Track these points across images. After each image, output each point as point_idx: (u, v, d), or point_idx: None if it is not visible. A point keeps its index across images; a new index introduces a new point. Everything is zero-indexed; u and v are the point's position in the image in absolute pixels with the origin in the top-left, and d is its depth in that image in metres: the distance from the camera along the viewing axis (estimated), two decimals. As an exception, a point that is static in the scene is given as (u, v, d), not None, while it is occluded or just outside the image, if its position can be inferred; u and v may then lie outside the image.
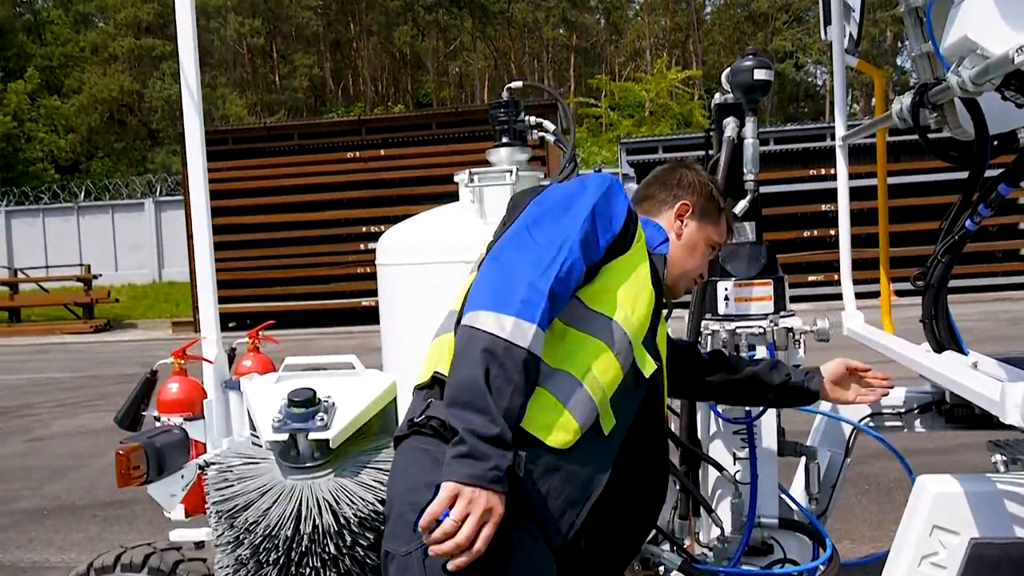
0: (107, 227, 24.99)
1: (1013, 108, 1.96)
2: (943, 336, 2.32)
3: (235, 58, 45.80)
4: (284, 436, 1.84)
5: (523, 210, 1.66)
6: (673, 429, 2.73)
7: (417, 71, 51.46)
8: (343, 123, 18.86)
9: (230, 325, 17.78)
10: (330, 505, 1.80)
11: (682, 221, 2.01)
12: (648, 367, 1.71)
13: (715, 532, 2.58)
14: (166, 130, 35.96)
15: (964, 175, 2.24)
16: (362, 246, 16.18)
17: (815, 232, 15.63)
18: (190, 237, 17.59)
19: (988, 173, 2.20)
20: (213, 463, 2.05)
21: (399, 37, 47.94)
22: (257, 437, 2.04)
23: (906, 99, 2.28)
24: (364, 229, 16.37)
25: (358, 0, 46.94)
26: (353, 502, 1.82)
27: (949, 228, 2.23)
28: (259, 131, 18.30)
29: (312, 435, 1.83)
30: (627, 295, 1.67)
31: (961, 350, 2.32)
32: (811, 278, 15.31)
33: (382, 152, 16.64)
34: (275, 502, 1.81)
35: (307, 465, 1.85)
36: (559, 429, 1.55)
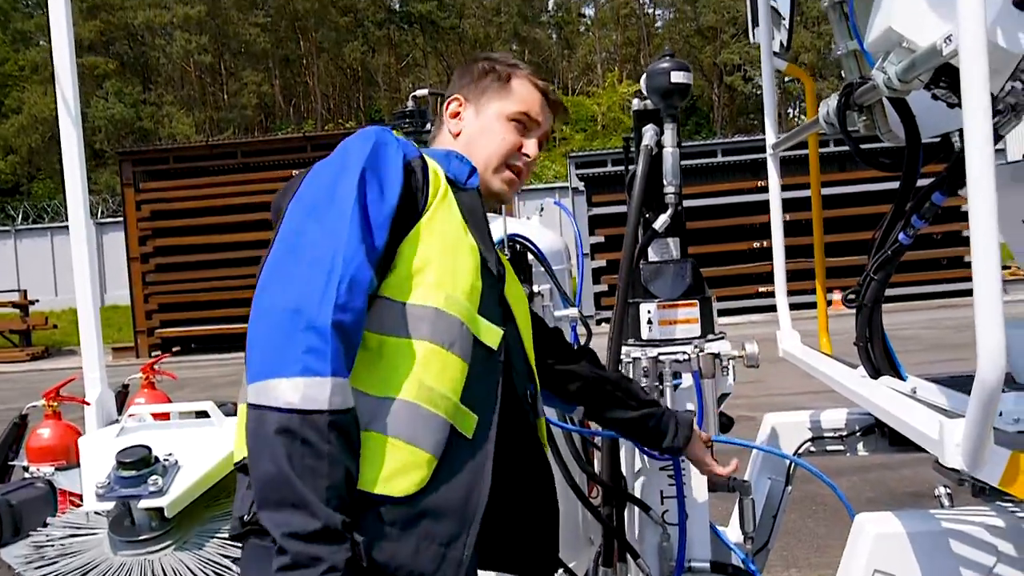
0: (46, 250, 24.26)
1: (946, 109, 1.78)
2: (879, 359, 2.13)
3: (182, 76, 45.10)
4: (109, 504, 1.56)
5: (284, 215, 1.37)
6: (595, 467, 2.50)
7: (369, 87, 51.12)
8: (288, 140, 18.54)
9: (174, 350, 17.30)
10: (169, 583, 1.53)
11: (458, 117, 1.66)
12: (493, 336, 1.45)
13: (643, 578, 2.35)
14: (110, 150, 35.17)
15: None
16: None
17: (766, 243, 15.64)
18: (130, 259, 17.19)
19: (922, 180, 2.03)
20: (34, 536, 1.76)
21: (349, 53, 47.62)
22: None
23: (832, 101, 2.10)
24: (310, 248, 16.03)
25: (307, 16, 46.54)
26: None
27: (882, 241, 2.04)
28: (201, 149, 17.91)
29: (144, 503, 1.55)
30: (442, 268, 1.39)
31: (899, 374, 2.13)
32: (762, 289, 15.31)
33: (328, 169, 16.30)
34: (98, 583, 1.53)
35: (142, 538, 1.58)
36: (407, 471, 1.29)
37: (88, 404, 2.57)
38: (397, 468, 1.29)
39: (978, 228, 1.31)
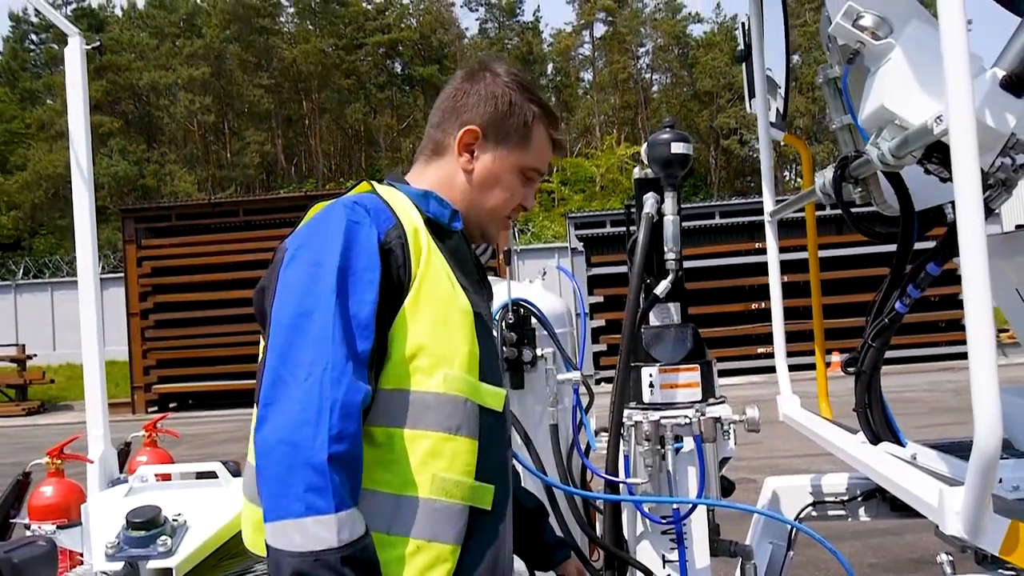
0: (46, 305, 24.28)
1: (938, 182, 1.84)
2: (878, 425, 2.15)
3: (185, 135, 45.71)
4: (118, 566, 1.57)
5: (270, 326, 1.32)
6: (597, 530, 2.50)
7: (370, 147, 51.77)
8: (290, 199, 18.73)
9: (171, 406, 17.21)
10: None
11: (471, 153, 1.54)
12: (497, 400, 1.44)
13: (645, 645, 2.33)
14: (112, 207, 35.52)
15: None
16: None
17: (763, 304, 15.70)
18: (130, 315, 17.20)
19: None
20: (40, 597, 1.76)
21: (351, 114, 48.35)
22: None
23: (828, 173, 2.16)
24: (310, 306, 16.06)
25: (311, 78, 47.38)
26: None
27: (879, 309, 2.08)
28: (204, 207, 18.09)
29: (152, 563, 1.57)
30: (436, 346, 1.35)
31: (898, 440, 2.15)
32: (760, 350, 15.33)
33: (330, 228, 16.44)
34: (95, 652, 1.53)
35: (148, 599, 1.59)
36: (432, 568, 1.31)
37: (91, 462, 2.58)
38: (424, 567, 1.30)
39: (972, 301, 1.36)
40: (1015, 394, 2.27)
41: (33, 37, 46.24)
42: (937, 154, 1.72)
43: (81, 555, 2.50)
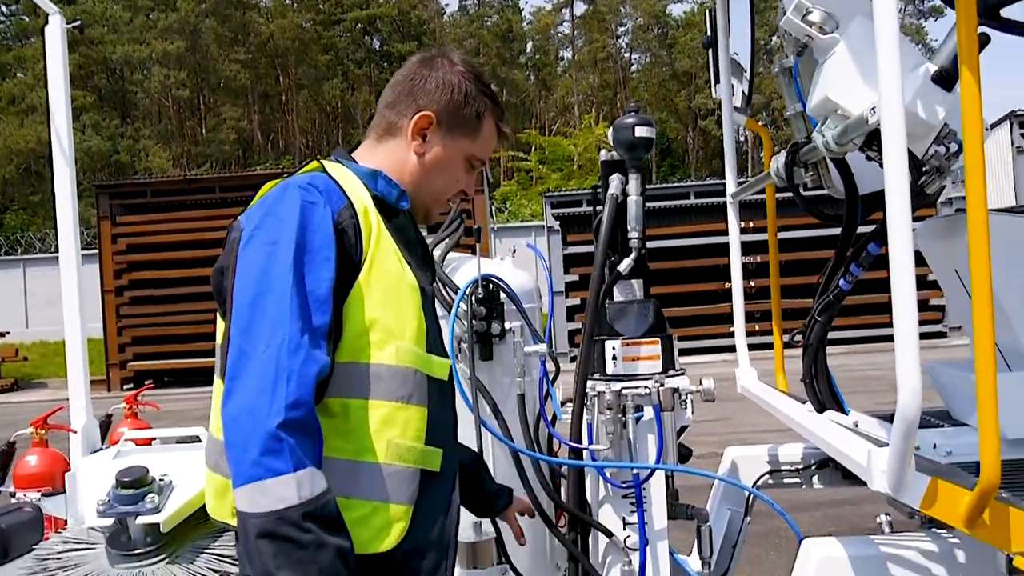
0: (18, 282, 24.02)
1: (880, 167, 1.97)
2: (824, 395, 2.30)
3: (159, 110, 45.18)
4: (108, 521, 1.68)
5: (232, 305, 1.38)
6: (561, 494, 2.63)
7: (347, 124, 51.45)
8: (267, 175, 18.59)
9: (146, 383, 17.14)
10: (160, 596, 1.65)
11: (423, 137, 1.60)
12: (443, 369, 1.54)
13: (607, 602, 2.47)
14: (86, 183, 35.18)
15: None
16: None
17: (737, 283, 15.93)
18: (104, 292, 17.12)
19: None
20: (38, 550, 1.87)
21: (329, 91, 48.01)
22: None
23: (781, 158, 2.29)
24: (287, 283, 16.05)
25: (288, 54, 46.94)
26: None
27: (825, 287, 2.22)
28: (180, 184, 17.93)
29: (141, 519, 1.68)
30: (387, 320, 1.43)
31: (842, 408, 2.30)
32: (731, 328, 15.55)
33: (307, 205, 16.43)
34: (92, 595, 1.64)
35: (137, 552, 1.70)
36: (388, 527, 1.42)
37: (75, 432, 2.66)
38: (379, 527, 1.41)
39: (898, 276, 1.49)
40: (953, 367, 2.43)
41: (3, 8, 45.40)
42: (877, 142, 1.84)
43: (66, 521, 2.59)
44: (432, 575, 1.48)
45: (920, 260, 1.66)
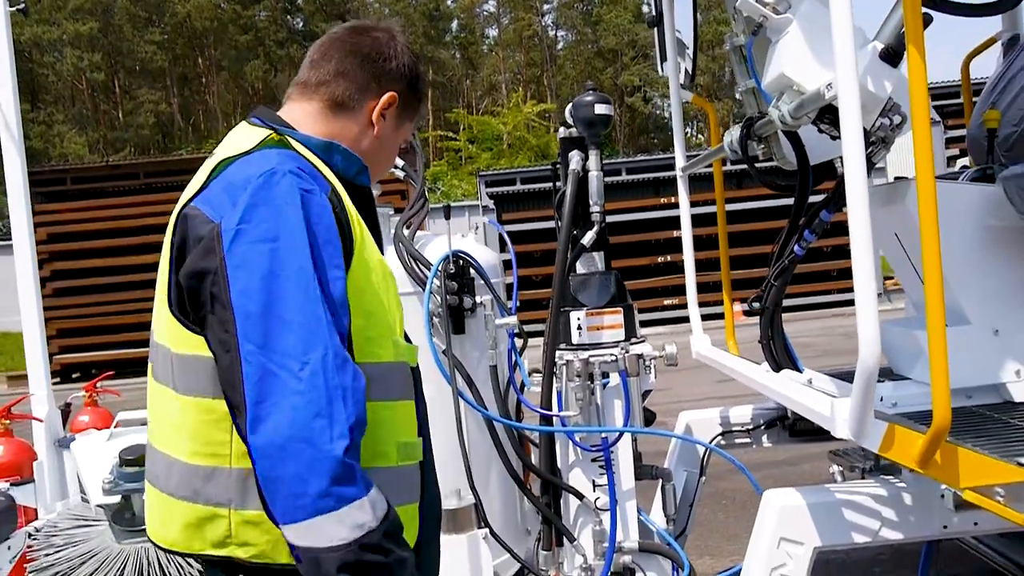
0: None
1: (830, 140, 2.11)
2: (780, 355, 2.44)
3: (73, 93, 43.51)
4: (116, 498, 1.71)
5: (231, 305, 1.21)
6: (533, 460, 2.74)
7: (271, 105, 50.33)
8: (193, 160, 18.13)
9: (74, 376, 16.68)
10: (162, 569, 1.68)
11: (384, 116, 1.51)
12: (415, 355, 1.48)
13: (579, 560, 2.59)
14: (-3, 170, 33.68)
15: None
16: (215, 287, 15.52)
17: (668, 257, 16.23)
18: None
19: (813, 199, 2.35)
20: (44, 527, 1.89)
21: (251, 72, 46.88)
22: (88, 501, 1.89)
23: (735, 132, 2.41)
24: (218, 270, 15.75)
25: (206, 35, 45.64)
26: (190, 564, 1.71)
27: (780, 253, 2.36)
28: (102, 170, 17.36)
29: (147, 495, 1.72)
30: (381, 313, 1.35)
31: (797, 368, 2.45)
32: (667, 302, 15.88)
33: (236, 190, 16.13)
34: (97, 568, 1.67)
35: (142, 527, 1.73)
36: (408, 528, 1.35)
37: (41, 421, 2.65)
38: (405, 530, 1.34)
39: (856, 239, 1.62)
40: (895, 325, 2.60)
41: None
42: (828, 115, 1.98)
43: (36, 510, 2.59)
44: (434, 568, 1.50)
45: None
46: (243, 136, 1.42)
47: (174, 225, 1.32)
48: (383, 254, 1.47)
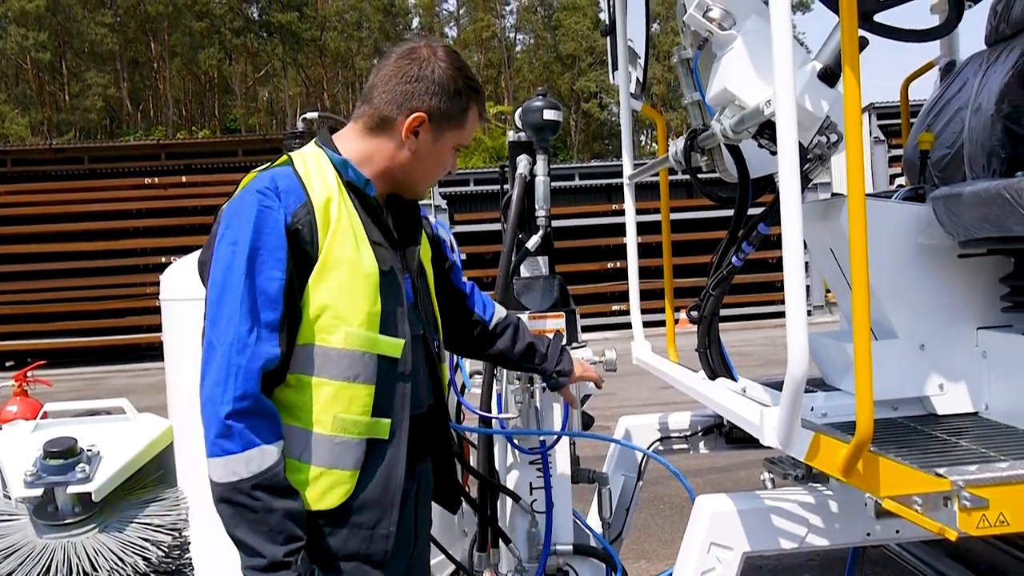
0: None
1: (769, 154, 2.15)
2: (716, 364, 2.49)
3: (17, 73, 42.26)
4: (38, 491, 1.67)
5: (207, 286, 1.58)
6: (471, 462, 2.75)
7: (225, 95, 49.61)
8: (141, 147, 17.79)
9: (7, 364, 16.20)
10: (91, 562, 1.65)
11: (416, 135, 1.68)
12: (395, 348, 1.65)
13: (513, 562, 2.61)
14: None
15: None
16: (160, 277, 15.20)
17: (619, 263, 16.38)
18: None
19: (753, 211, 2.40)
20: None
21: (205, 59, 46.08)
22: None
23: (680, 143, 2.45)
24: (163, 259, 15.40)
25: (159, 19, 44.72)
26: (121, 559, 1.68)
27: (718, 263, 2.40)
28: (45, 153, 16.90)
29: (72, 488, 1.68)
30: (339, 307, 1.58)
31: (732, 376, 2.50)
32: (615, 307, 16.03)
33: (184, 179, 15.80)
34: (20, 565, 1.63)
35: (66, 522, 1.69)
36: (333, 489, 1.58)
37: (-31, 410, 2.57)
38: (326, 488, 1.58)
39: (788, 253, 1.67)
40: (828, 337, 2.67)
41: None
42: (768, 131, 2.02)
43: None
44: (374, 528, 1.62)
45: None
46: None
47: None
48: (403, 247, 1.73)
